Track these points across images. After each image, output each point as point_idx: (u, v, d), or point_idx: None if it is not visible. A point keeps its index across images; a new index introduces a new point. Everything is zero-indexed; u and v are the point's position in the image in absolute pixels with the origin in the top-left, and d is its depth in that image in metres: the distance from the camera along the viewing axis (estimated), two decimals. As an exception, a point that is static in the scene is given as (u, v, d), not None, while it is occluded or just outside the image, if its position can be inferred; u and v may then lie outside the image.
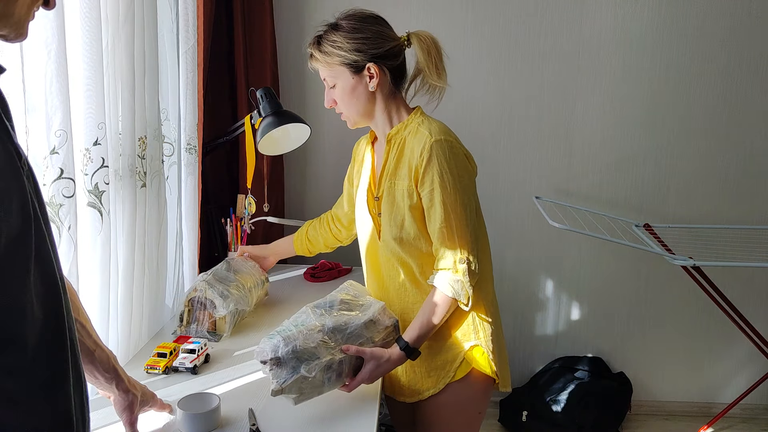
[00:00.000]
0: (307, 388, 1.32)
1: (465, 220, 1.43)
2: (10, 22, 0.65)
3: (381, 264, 1.58)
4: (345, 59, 1.47)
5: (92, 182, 1.37)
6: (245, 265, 1.92)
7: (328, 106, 1.56)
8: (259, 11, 2.44)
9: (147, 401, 1.21)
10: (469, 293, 1.43)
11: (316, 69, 1.55)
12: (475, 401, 1.57)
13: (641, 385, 2.89)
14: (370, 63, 1.46)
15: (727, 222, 2.71)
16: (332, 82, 1.51)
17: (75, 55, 1.28)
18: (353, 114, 1.54)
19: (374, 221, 1.57)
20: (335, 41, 1.47)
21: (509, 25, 2.59)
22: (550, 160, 2.71)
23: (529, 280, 2.82)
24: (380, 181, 1.54)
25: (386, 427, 2.26)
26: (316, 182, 2.74)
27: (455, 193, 1.41)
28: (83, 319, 1.05)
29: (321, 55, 1.50)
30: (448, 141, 1.43)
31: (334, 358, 1.36)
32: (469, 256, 1.42)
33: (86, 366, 1.05)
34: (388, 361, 1.42)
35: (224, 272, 1.82)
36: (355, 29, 1.48)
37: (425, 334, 1.45)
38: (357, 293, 1.58)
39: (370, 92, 1.50)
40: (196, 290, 1.71)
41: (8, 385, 0.63)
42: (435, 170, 1.41)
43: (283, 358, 1.32)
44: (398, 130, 1.52)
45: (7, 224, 0.61)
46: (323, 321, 1.44)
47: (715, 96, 2.63)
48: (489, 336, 1.52)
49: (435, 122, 1.49)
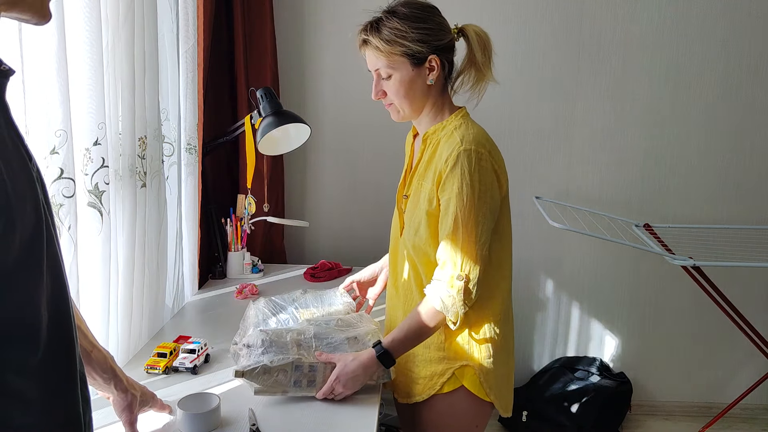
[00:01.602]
0: (269, 381, 1.34)
1: (474, 237, 1.34)
2: (25, 5, 0.65)
3: (398, 262, 1.55)
4: (408, 49, 1.37)
5: (92, 182, 1.37)
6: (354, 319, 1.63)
7: (376, 97, 1.46)
8: (259, 11, 2.44)
9: (146, 401, 1.21)
10: (459, 313, 1.35)
11: (365, 57, 1.44)
12: (465, 418, 1.49)
13: (641, 385, 2.89)
14: (432, 55, 1.39)
15: (727, 222, 2.71)
16: (388, 72, 1.40)
17: (75, 55, 1.28)
18: (406, 108, 1.44)
19: (399, 217, 1.54)
20: (399, 29, 1.36)
21: (509, 25, 2.59)
22: (550, 160, 2.71)
23: (529, 280, 2.82)
24: (411, 180, 1.50)
25: (386, 427, 2.26)
26: (316, 182, 2.74)
27: (471, 208, 1.33)
28: (78, 321, 1.05)
29: (382, 43, 1.37)
30: (479, 152, 1.35)
31: (303, 360, 1.37)
32: (469, 274, 1.34)
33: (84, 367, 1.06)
34: (355, 360, 1.38)
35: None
36: (419, 18, 1.38)
37: (403, 339, 1.40)
38: (361, 319, 1.59)
39: (427, 86, 1.42)
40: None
41: (22, 384, 0.64)
42: (456, 180, 1.34)
43: (253, 345, 1.36)
44: (436, 130, 1.45)
45: (22, 226, 0.62)
46: (308, 327, 1.47)
47: (715, 96, 2.63)
48: (486, 358, 1.45)
49: (473, 128, 1.41)
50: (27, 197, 0.64)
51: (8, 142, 0.63)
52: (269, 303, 1.66)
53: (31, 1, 0.65)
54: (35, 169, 0.68)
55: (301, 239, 2.77)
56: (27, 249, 0.63)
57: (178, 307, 1.98)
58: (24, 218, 0.63)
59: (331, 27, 2.61)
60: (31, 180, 0.65)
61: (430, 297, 1.38)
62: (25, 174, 0.64)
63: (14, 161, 0.63)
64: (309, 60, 2.64)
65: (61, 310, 0.69)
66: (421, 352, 1.48)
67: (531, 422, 2.67)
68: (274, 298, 1.68)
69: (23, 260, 0.63)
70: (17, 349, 0.63)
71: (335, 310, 1.67)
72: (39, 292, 0.65)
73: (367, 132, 2.66)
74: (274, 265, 2.45)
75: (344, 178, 2.72)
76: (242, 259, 2.28)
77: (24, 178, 0.64)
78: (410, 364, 1.51)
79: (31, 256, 0.64)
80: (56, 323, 0.68)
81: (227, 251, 2.27)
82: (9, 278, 0.61)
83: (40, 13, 0.67)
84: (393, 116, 1.48)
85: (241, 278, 2.26)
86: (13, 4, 0.64)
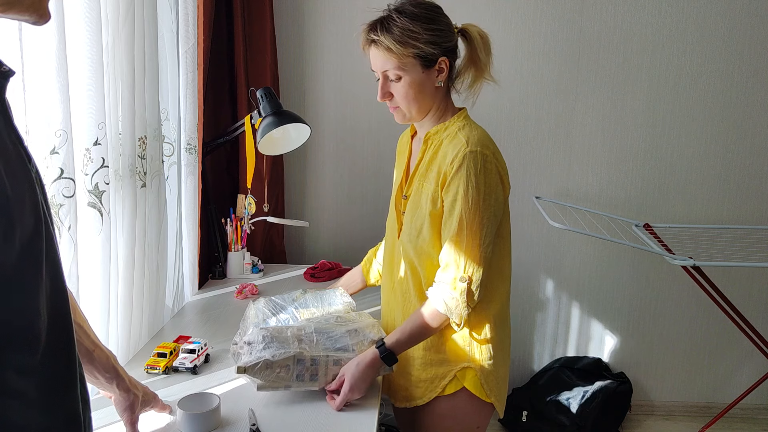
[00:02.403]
0: (271, 376, 1.34)
1: (478, 240, 1.34)
2: (23, 6, 0.65)
3: (395, 264, 1.54)
4: (421, 51, 1.33)
5: (92, 182, 1.37)
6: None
7: (382, 99, 1.40)
8: (259, 11, 2.44)
9: (148, 402, 1.21)
10: (463, 314, 1.36)
11: (370, 57, 1.38)
12: (467, 419, 1.49)
13: (641, 385, 2.89)
14: (442, 57, 1.36)
15: (727, 222, 2.71)
16: (397, 74, 1.36)
17: (75, 54, 1.28)
18: (413, 110, 1.41)
19: (398, 219, 1.52)
20: (412, 30, 1.32)
21: (509, 25, 2.59)
22: (550, 160, 2.71)
23: (529, 280, 2.82)
24: (411, 180, 1.48)
25: (386, 427, 2.26)
26: (316, 182, 2.74)
27: (476, 210, 1.33)
28: (80, 320, 1.05)
29: (394, 44, 1.32)
30: (484, 154, 1.34)
31: (305, 353, 1.37)
32: (472, 276, 1.34)
33: (86, 366, 1.06)
34: (361, 364, 1.37)
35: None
36: (429, 18, 1.34)
37: (406, 341, 1.40)
38: (361, 316, 1.59)
39: (435, 88, 1.39)
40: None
41: (22, 384, 0.64)
42: (462, 181, 1.32)
43: (254, 341, 1.36)
44: (438, 130, 1.43)
45: (21, 227, 0.62)
46: (309, 324, 1.47)
47: (715, 96, 2.63)
48: (486, 360, 1.44)
49: (477, 129, 1.40)
50: (26, 198, 0.64)
51: (8, 143, 0.63)
52: (269, 303, 1.66)
53: (29, 2, 0.65)
54: (34, 170, 0.68)
55: (301, 239, 2.77)
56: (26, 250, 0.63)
57: (178, 307, 1.98)
58: (23, 219, 0.63)
59: (331, 27, 2.61)
60: (30, 181, 0.65)
61: (433, 299, 1.38)
62: (24, 175, 0.64)
63: (13, 162, 0.63)
64: (309, 60, 2.64)
65: (60, 311, 0.69)
66: (421, 355, 1.47)
67: (531, 422, 2.67)
68: (274, 298, 1.68)
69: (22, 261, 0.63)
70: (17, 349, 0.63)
71: (335, 309, 1.67)
72: (38, 293, 0.65)
73: (367, 132, 2.66)
74: (274, 265, 2.45)
75: (344, 178, 2.72)
76: (242, 259, 2.28)
77: (23, 180, 0.64)
78: (409, 368, 1.49)
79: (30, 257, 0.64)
80: (55, 324, 0.68)
81: (227, 251, 2.27)
82: (9, 279, 0.61)
83: (38, 13, 0.67)
84: (398, 119, 1.45)
85: (241, 278, 2.26)
86: (11, 5, 0.64)
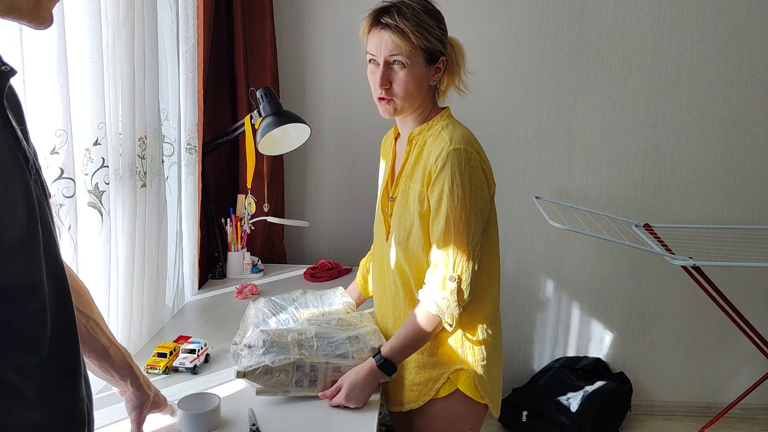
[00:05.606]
0: (271, 382, 1.35)
1: (466, 238, 1.33)
2: (21, 13, 0.65)
3: (385, 268, 1.53)
4: (431, 45, 1.34)
5: (92, 182, 1.37)
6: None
7: (382, 86, 1.37)
8: (259, 12, 2.44)
9: (158, 405, 1.21)
10: (454, 314, 1.35)
11: (378, 41, 1.35)
12: (461, 420, 1.48)
13: (641, 385, 2.89)
14: (443, 57, 1.39)
15: (727, 222, 2.71)
16: (405, 61, 1.34)
17: (75, 55, 1.28)
18: (407, 103, 1.39)
19: (385, 222, 1.52)
20: (427, 23, 1.32)
21: (509, 25, 2.59)
22: (550, 160, 2.71)
23: (529, 280, 2.82)
24: (397, 182, 1.47)
25: (386, 427, 2.26)
26: (316, 182, 2.74)
27: (462, 208, 1.33)
28: (97, 317, 1.05)
29: (413, 31, 1.31)
30: (468, 152, 1.34)
31: (305, 360, 1.37)
32: (461, 275, 1.33)
33: (101, 363, 1.07)
34: (359, 375, 1.37)
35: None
36: (438, 18, 1.36)
37: (403, 347, 1.39)
38: (362, 318, 1.59)
39: (429, 86, 1.41)
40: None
41: (24, 383, 0.64)
42: (447, 180, 1.32)
43: (255, 345, 1.36)
44: (421, 130, 1.43)
45: (11, 227, 0.61)
46: (309, 327, 1.47)
47: (714, 96, 2.63)
48: (479, 361, 1.44)
49: (460, 128, 1.40)
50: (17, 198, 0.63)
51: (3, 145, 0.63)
52: (269, 303, 1.66)
53: (26, 9, 0.65)
54: (33, 170, 0.68)
55: (301, 239, 2.77)
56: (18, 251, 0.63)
57: (178, 307, 1.98)
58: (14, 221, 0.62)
59: (331, 27, 2.61)
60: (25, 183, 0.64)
61: (424, 301, 1.37)
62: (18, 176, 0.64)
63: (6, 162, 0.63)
64: (309, 60, 2.64)
65: (63, 312, 0.69)
66: (414, 359, 1.46)
67: (531, 422, 2.67)
68: (274, 298, 1.68)
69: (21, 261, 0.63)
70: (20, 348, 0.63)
71: (335, 309, 1.67)
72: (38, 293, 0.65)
73: (367, 132, 2.66)
74: (274, 265, 2.45)
75: (344, 178, 2.72)
76: (242, 259, 2.28)
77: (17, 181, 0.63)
78: (403, 371, 1.49)
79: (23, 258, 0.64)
80: (59, 324, 0.68)
81: (227, 251, 2.27)
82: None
83: (37, 19, 0.66)
84: (384, 112, 1.41)
85: (241, 278, 2.26)
86: (8, 12, 0.64)
